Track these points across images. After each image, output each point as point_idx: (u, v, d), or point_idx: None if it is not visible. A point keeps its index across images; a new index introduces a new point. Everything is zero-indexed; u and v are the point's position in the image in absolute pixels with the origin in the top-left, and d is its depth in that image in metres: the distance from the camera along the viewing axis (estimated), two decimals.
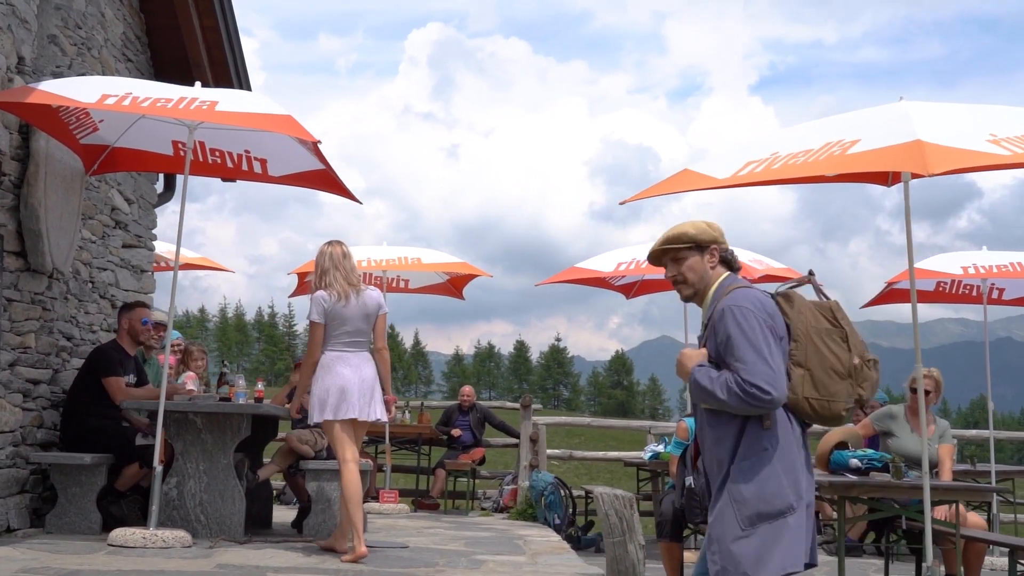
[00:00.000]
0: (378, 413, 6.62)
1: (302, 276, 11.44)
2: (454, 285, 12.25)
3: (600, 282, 10.32)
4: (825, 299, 3.90)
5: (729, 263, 3.86)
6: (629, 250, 9.46)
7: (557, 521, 10.38)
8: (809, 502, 3.62)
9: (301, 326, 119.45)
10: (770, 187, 5.49)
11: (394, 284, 12.06)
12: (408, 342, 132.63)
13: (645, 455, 11.56)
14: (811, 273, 4.01)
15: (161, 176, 10.02)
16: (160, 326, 8.30)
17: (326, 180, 7.48)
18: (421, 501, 11.76)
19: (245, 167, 7.58)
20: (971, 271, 9.23)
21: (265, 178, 7.65)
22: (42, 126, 6.76)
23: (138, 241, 9.25)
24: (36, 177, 6.92)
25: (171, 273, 7.12)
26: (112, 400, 7.35)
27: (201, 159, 7.47)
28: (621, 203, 5.62)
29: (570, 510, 10.65)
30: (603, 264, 9.43)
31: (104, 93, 6.16)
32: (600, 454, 13.62)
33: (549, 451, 11.96)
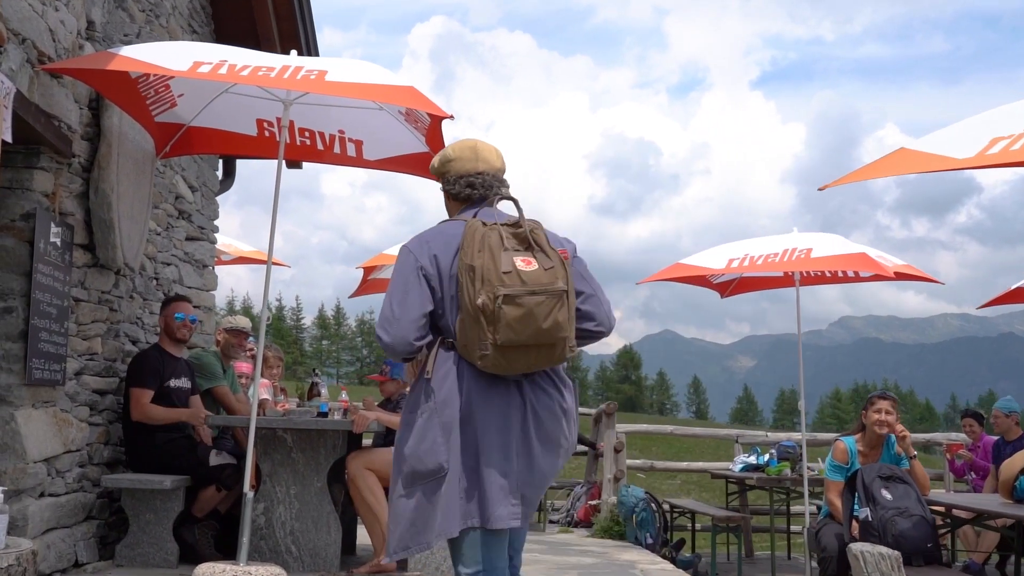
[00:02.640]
0: None
1: (368, 271, 10.53)
2: None
3: (701, 280, 9.40)
4: (520, 217, 3.39)
5: (467, 198, 3.57)
6: (742, 245, 8.55)
7: (649, 540, 9.51)
8: (474, 466, 3.23)
9: (308, 319, 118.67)
10: (769, 181, 4.58)
11: None
12: None
13: (735, 467, 10.72)
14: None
15: (220, 162, 9.14)
16: (239, 333, 7.38)
17: (427, 164, 6.59)
18: None
19: (337, 149, 6.67)
20: None
21: (359, 162, 6.74)
22: (118, 99, 5.85)
23: (201, 233, 8.36)
24: (108, 159, 6.03)
25: (226, 268, 6.22)
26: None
27: (288, 140, 6.57)
28: (821, 188, 4.74)
29: (661, 528, 9.78)
30: (712, 260, 8.52)
31: (196, 60, 5.25)
32: (684, 464, 12.69)
33: (629, 461, 11.08)
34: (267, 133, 6.59)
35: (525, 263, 3.21)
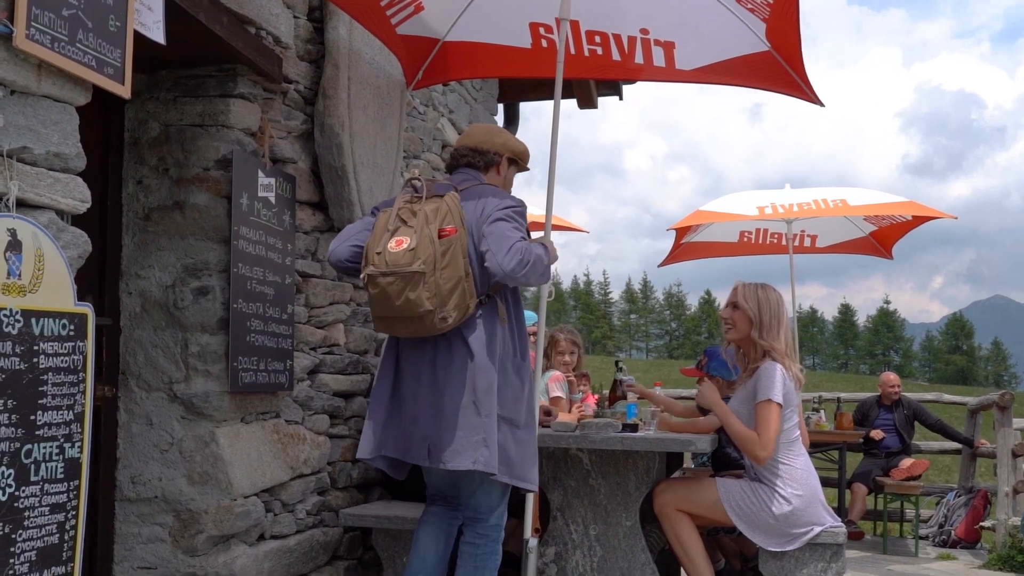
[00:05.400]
0: None
1: (681, 233, 8.67)
2: (880, 240, 9.01)
3: None
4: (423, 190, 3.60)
5: (448, 168, 3.96)
6: None
7: None
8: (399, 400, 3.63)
9: (616, 293, 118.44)
10: None
11: (798, 242, 9.00)
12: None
13: None
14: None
15: (501, 106, 7.56)
16: None
17: (768, 70, 4.60)
18: (849, 532, 8.71)
19: (640, 59, 4.82)
20: None
21: (671, 74, 4.87)
22: (343, 2, 4.32)
23: None
24: (335, 85, 4.51)
25: None
26: None
27: (574, 51, 4.82)
28: None
29: None
30: None
31: None
32: None
33: None
34: (544, 43, 4.87)
35: (397, 244, 3.37)
